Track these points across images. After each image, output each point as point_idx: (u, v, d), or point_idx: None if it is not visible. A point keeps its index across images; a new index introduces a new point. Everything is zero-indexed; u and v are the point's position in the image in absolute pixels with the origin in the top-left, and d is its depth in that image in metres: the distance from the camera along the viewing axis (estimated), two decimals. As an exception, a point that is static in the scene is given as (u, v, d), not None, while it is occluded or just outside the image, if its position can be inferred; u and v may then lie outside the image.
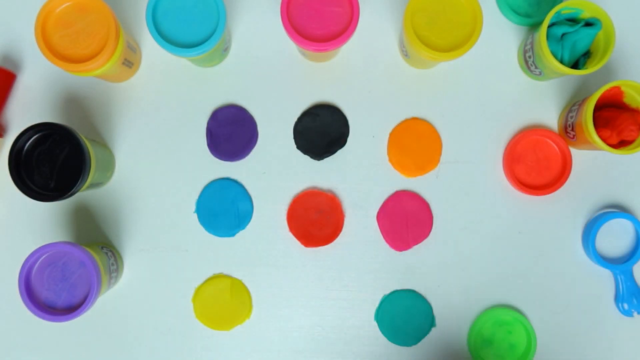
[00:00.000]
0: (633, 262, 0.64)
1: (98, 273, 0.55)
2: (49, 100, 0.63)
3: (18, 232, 0.62)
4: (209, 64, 0.63)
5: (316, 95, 0.64)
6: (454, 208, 0.64)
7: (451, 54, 0.55)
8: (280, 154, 0.64)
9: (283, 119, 0.64)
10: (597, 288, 0.64)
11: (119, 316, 0.62)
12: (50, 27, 0.55)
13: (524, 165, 0.64)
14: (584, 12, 0.59)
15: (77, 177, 0.54)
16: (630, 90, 0.59)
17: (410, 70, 0.64)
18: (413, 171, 0.64)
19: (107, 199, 0.63)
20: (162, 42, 0.54)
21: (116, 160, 0.63)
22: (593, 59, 0.60)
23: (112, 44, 0.54)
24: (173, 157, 0.63)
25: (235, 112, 0.63)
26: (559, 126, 0.65)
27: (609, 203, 0.65)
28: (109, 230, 0.63)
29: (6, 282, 0.61)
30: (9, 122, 0.63)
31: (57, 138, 0.54)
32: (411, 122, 0.64)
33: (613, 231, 0.64)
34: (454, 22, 0.56)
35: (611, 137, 0.58)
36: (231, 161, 0.63)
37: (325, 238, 0.63)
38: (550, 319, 0.64)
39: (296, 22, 0.55)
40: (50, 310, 0.55)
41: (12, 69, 0.63)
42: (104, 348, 0.62)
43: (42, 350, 0.62)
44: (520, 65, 0.65)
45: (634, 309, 0.63)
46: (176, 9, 0.55)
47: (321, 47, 0.54)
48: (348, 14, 0.55)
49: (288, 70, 0.64)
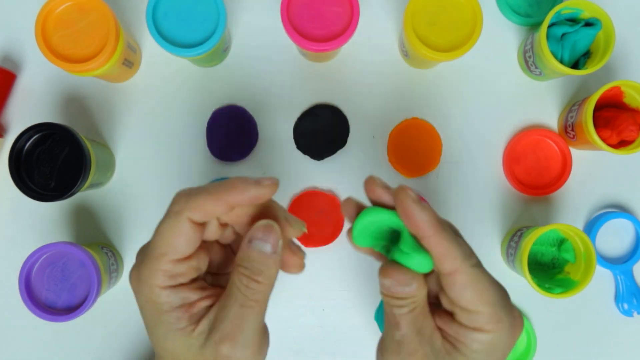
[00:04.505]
0: (633, 262, 0.64)
1: (98, 273, 0.55)
2: (49, 100, 0.63)
3: (18, 232, 0.62)
4: (209, 64, 0.63)
5: (316, 95, 0.64)
6: (454, 208, 0.64)
7: (451, 54, 0.55)
8: (280, 154, 0.64)
9: (283, 119, 0.64)
10: (597, 288, 0.64)
11: (119, 316, 0.62)
12: (50, 27, 0.55)
13: (524, 165, 0.64)
14: (584, 12, 0.59)
15: (77, 177, 0.54)
16: (630, 90, 0.59)
17: (410, 70, 0.64)
18: (413, 171, 0.64)
19: (107, 199, 0.63)
20: (162, 42, 0.54)
21: (116, 160, 0.63)
22: (593, 59, 0.60)
23: (112, 44, 0.54)
24: (173, 157, 0.63)
25: (235, 112, 0.63)
26: (559, 126, 0.65)
27: (609, 203, 0.65)
28: (109, 230, 0.63)
29: (6, 282, 0.61)
30: (9, 122, 0.63)
31: (57, 138, 0.54)
32: (411, 122, 0.64)
33: (613, 231, 0.64)
34: (454, 22, 0.56)
35: (611, 137, 0.58)
36: (231, 161, 0.63)
37: (325, 238, 0.63)
38: (550, 319, 0.64)
39: (296, 22, 0.55)
40: (50, 310, 0.55)
41: (12, 69, 0.63)
42: (104, 348, 0.62)
43: (42, 350, 0.62)
44: (520, 65, 0.65)
45: (634, 309, 0.63)
46: (176, 9, 0.55)
47: (321, 47, 0.54)
48: (348, 14, 0.55)
49: (288, 70, 0.64)
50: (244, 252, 0.36)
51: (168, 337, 0.36)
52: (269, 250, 0.36)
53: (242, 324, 0.35)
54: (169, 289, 0.36)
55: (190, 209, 0.36)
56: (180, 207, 0.36)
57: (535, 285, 0.56)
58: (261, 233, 0.36)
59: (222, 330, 0.35)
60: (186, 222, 0.36)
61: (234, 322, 0.35)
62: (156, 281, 0.36)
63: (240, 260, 0.36)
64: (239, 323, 0.35)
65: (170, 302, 0.36)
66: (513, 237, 0.61)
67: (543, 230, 0.56)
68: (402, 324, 0.36)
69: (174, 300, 0.36)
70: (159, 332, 0.37)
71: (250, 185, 0.36)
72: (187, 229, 0.36)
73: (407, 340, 0.37)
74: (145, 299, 0.37)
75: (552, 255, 0.61)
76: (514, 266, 0.60)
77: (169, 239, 0.36)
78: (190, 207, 0.36)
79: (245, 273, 0.36)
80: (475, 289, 0.36)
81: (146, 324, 0.38)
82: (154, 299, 0.36)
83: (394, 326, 0.37)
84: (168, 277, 0.36)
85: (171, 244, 0.36)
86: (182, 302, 0.37)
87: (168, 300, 0.36)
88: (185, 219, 0.36)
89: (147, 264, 0.37)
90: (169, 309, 0.36)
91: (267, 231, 0.36)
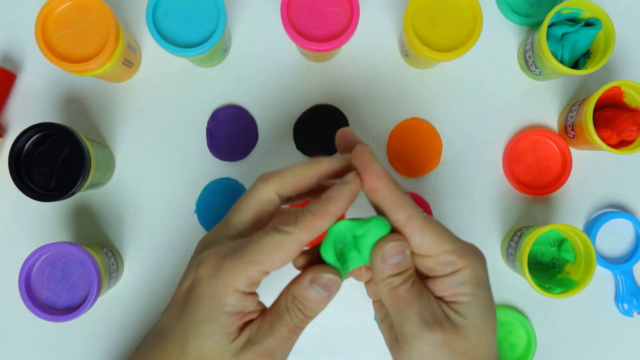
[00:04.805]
0: (633, 262, 0.64)
1: (98, 273, 0.55)
2: (49, 100, 0.63)
3: (18, 232, 0.62)
4: (209, 64, 0.63)
5: (316, 95, 0.64)
6: (454, 208, 0.64)
7: (451, 54, 0.55)
8: (280, 154, 0.64)
9: (283, 119, 0.64)
10: (597, 288, 0.64)
11: (119, 316, 0.62)
12: (50, 27, 0.55)
13: (524, 165, 0.64)
14: (584, 12, 0.59)
15: (77, 177, 0.54)
16: (630, 90, 0.59)
17: (410, 70, 0.64)
18: (413, 171, 0.64)
19: (107, 199, 0.63)
20: (162, 42, 0.54)
21: (116, 160, 0.63)
22: (593, 59, 0.60)
23: (112, 44, 0.54)
24: (173, 157, 0.63)
25: (235, 112, 0.63)
26: (559, 126, 0.65)
27: (609, 203, 0.65)
28: (109, 230, 0.63)
29: (6, 282, 0.61)
30: (9, 122, 0.63)
31: (57, 138, 0.54)
32: (411, 122, 0.64)
33: (613, 231, 0.64)
34: (454, 22, 0.56)
35: (611, 137, 0.58)
36: (231, 161, 0.63)
37: (325, 238, 0.63)
38: (550, 319, 0.64)
39: (296, 22, 0.55)
40: (50, 310, 0.55)
41: (12, 69, 0.63)
42: (104, 348, 0.62)
43: (42, 350, 0.62)
44: (520, 65, 0.65)
45: (634, 309, 0.63)
46: (176, 9, 0.55)
47: (321, 47, 0.54)
48: (348, 14, 0.55)
49: (288, 70, 0.64)
50: (303, 290, 0.38)
51: (212, 338, 0.37)
52: (326, 296, 0.38)
53: (285, 346, 0.38)
54: (243, 295, 0.37)
55: (302, 231, 0.37)
56: (290, 229, 0.37)
57: (535, 285, 0.56)
58: (325, 281, 0.38)
59: (266, 346, 0.37)
60: (295, 244, 0.37)
61: (279, 343, 0.37)
62: (237, 283, 0.37)
63: (297, 295, 0.38)
64: (282, 344, 0.38)
65: (234, 306, 0.37)
66: (513, 237, 0.61)
67: (543, 230, 0.56)
68: (412, 301, 0.37)
69: (238, 305, 0.37)
70: (206, 329, 0.37)
71: (352, 195, 0.38)
72: (294, 250, 0.37)
73: (424, 312, 0.37)
74: (213, 293, 0.37)
75: (552, 255, 0.61)
76: (514, 266, 0.60)
77: (269, 251, 0.37)
78: (301, 229, 0.37)
79: (298, 307, 0.38)
80: (433, 232, 0.38)
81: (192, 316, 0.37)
82: (223, 298, 0.37)
83: (406, 305, 0.37)
84: (248, 285, 0.37)
85: (270, 256, 0.37)
86: (242, 309, 0.37)
87: (235, 303, 0.37)
88: (296, 241, 0.37)
89: (235, 263, 0.37)
90: (230, 311, 0.37)
91: (331, 283, 0.38)
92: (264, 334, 0.37)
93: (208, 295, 0.37)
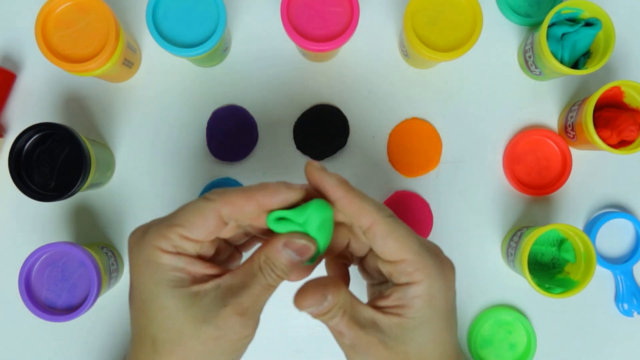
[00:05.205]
0: (633, 262, 0.64)
1: (98, 273, 0.55)
2: (49, 100, 0.63)
3: (18, 232, 0.62)
4: (209, 64, 0.63)
5: (316, 95, 0.64)
6: (454, 208, 0.64)
7: (451, 54, 0.55)
8: (280, 154, 0.64)
9: (283, 119, 0.64)
10: (597, 288, 0.64)
11: (119, 316, 0.62)
12: (50, 27, 0.55)
13: (524, 165, 0.64)
14: (584, 12, 0.59)
15: (77, 177, 0.54)
16: (630, 90, 0.59)
17: (410, 70, 0.64)
18: (413, 171, 0.64)
19: (107, 199, 0.63)
20: (162, 42, 0.54)
21: (116, 160, 0.63)
22: (593, 59, 0.60)
23: (112, 44, 0.54)
24: (173, 157, 0.63)
25: (235, 112, 0.63)
26: (559, 126, 0.65)
27: (609, 203, 0.65)
28: (109, 230, 0.63)
29: (6, 282, 0.61)
30: (9, 122, 0.63)
31: (57, 138, 0.54)
32: (411, 122, 0.64)
33: (613, 231, 0.64)
34: (454, 22, 0.56)
35: (611, 137, 0.58)
36: (231, 161, 0.63)
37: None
38: (550, 319, 0.64)
39: (296, 22, 0.55)
40: (50, 310, 0.55)
41: (12, 69, 0.63)
42: (104, 348, 0.62)
43: (42, 350, 0.62)
44: (520, 65, 0.65)
45: (634, 309, 0.63)
46: (176, 9, 0.55)
47: (321, 47, 0.54)
48: (348, 14, 0.55)
49: (288, 70, 0.64)
50: (276, 252, 0.38)
51: (168, 295, 0.36)
52: (298, 260, 0.38)
53: (257, 303, 0.38)
54: (170, 254, 0.37)
55: (223, 202, 0.37)
56: (213, 197, 0.37)
57: (535, 285, 0.56)
58: (298, 245, 0.38)
59: (240, 303, 0.37)
60: (214, 211, 0.37)
61: (252, 299, 0.37)
62: (159, 244, 0.37)
63: (270, 256, 0.38)
64: (257, 301, 0.38)
65: (172, 264, 0.37)
66: (513, 237, 0.61)
67: (543, 230, 0.56)
68: (343, 331, 0.38)
69: (175, 263, 0.37)
70: (158, 290, 0.37)
71: (281, 187, 0.38)
72: (212, 217, 0.37)
73: (356, 340, 0.38)
74: (144, 258, 0.37)
75: (552, 255, 0.61)
76: (514, 266, 0.60)
77: (189, 215, 0.37)
78: (223, 200, 0.37)
79: (271, 267, 0.38)
80: (396, 237, 0.37)
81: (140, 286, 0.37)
82: (155, 259, 0.37)
83: (339, 336, 0.39)
84: (171, 246, 0.37)
85: (189, 220, 0.37)
86: (185, 266, 0.37)
87: (169, 262, 0.37)
88: (215, 209, 0.37)
89: (155, 227, 0.38)
90: (170, 269, 0.37)
91: (305, 250, 0.38)
92: (234, 292, 0.37)
93: (141, 263, 0.37)
